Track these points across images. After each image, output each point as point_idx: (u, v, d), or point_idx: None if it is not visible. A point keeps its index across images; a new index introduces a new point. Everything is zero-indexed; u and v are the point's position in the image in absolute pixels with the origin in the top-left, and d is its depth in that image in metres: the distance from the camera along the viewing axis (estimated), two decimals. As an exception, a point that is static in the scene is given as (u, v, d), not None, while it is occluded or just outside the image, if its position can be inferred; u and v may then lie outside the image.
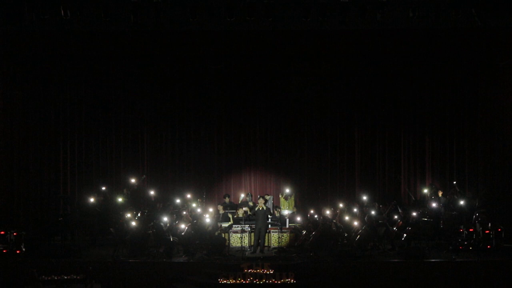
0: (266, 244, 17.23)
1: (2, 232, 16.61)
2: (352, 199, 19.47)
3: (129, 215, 17.10)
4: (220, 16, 16.65)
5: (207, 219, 16.86)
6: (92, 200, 18.29)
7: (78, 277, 14.74)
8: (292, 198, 19.41)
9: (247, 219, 17.44)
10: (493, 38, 18.61)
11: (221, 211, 18.17)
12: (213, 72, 20.24)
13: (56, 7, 16.44)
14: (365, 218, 17.22)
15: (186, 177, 20.56)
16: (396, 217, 17.53)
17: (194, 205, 18.41)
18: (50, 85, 20.11)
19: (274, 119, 20.72)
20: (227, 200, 19.14)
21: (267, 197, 18.56)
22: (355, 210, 18.10)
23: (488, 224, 17.10)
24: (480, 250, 16.29)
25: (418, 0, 16.44)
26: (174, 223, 17.07)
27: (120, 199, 18.15)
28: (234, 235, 17.40)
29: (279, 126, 20.74)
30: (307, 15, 16.72)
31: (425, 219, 17.43)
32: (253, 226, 17.07)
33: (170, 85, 20.51)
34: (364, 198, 18.79)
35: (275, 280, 14.88)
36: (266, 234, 17.22)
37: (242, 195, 19.59)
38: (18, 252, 16.32)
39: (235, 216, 17.86)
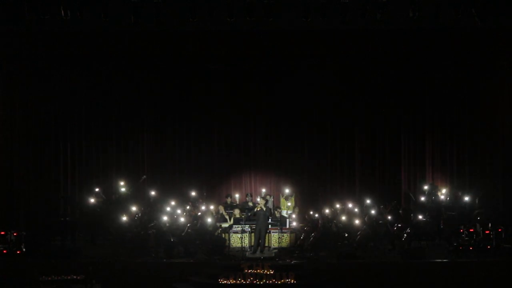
0: (266, 244, 17.22)
1: (2, 232, 16.62)
2: (354, 200, 19.40)
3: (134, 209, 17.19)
4: (220, 16, 16.65)
5: (209, 220, 16.86)
6: (92, 200, 18.33)
7: (78, 277, 14.75)
8: (292, 198, 19.39)
9: (247, 219, 17.44)
10: (493, 38, 18.61)
11: (223, 212, 18.13)
12: (213, 72, 20.23)
13: (56, 7, 16.44)
14: (365, 218, 17.22)
15: (186, 177, 20.53)
16: (396, 216, 17.51)
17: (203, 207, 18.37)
18: (50, 85, 20.09)
19: (274, 119, 20.70)
20: (228, 200, 19.13)
21: (268, 197, 18.53)
22: (356, 210, 18.10)
23: (488, 224, 17.09)
24: (480, 250, 16.29)
25: (418, 0, 16.43)
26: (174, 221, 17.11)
27: (123, 189, 18.21)
28: (234, 235, 17.39)
29: (279, 126, 20.72)
30: (307, 15, 16.72)
31: (425, 219, 17.46)
32: (253, 226, 17.06)
33: (170, 85, 20.50)
34: (368, 201, 18.70)
35: (275, 280, 14.88)
36: (266, 235, 17.22)
37: (237, 196, 19.52)
38: (18, 252, 16.32)
39: (233, 217, 17.85)
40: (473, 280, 15.30)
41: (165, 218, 17.00)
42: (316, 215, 17.49)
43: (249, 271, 15.15)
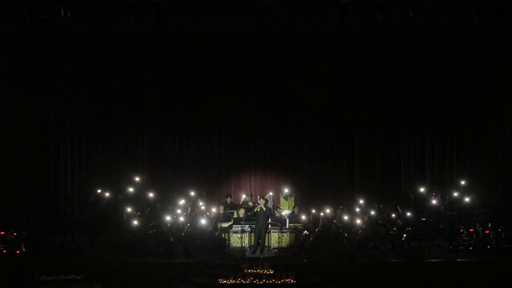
0: (266, 244, 17.23)
1: (2, 232, 16.63)
2: (352, 200, 19.39)
3: (129, 210, 17.16)
4: (220, 16, 16.64)
5: (203, 221, 16.79)
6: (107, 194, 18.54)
7: (78, 277, 14.76)
8: (292, 198, 19.40)
9: (247, 219, 17.44)
10: (493, 38, 18.61)
11: (222, 211, 18.15)
12: (213, 72, 20.23)
13: (56, 7, 16.42)
14: (365, 218, 17.22)
15: (186, 177, 20.55)
16: (395, 216, 17.50)
17: (201, 203, 18.33)
18: (50, 85, 20.11)
19: (274, 119, 20.70)
20: (228, 200, 19.13)
21: (267, 197, 18.53)
22: (357, 209, 18.09)
23: (488, 224, 17.09)
24: (480, 250, 16.29)
25: (418, 0, 16.42)
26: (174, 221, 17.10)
27: (131, 189, 18.21)
28: (234, 235, 17.40)
29: (279, 126, 20.72)
30: (307, 15, 16.70)
31: (424, 219, 17.46)
32: (253, 226, 17.07)
33: (170, 85, 20.50)
34: (361, 201, 18.66)
35: (275, 280, 14.89)
36: (266, 234, 17.23)
37: (244, 196, 19.55)
38: (18, 252, 16.33)
39: (235, 216, 17.85)
40: (473, 280, 15.30)
41: (168, 218, 16.97)
42: (317, 215, 17.49)
43: (249, 271, 15.17)
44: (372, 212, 17.61)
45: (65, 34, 18.18)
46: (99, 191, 18.68)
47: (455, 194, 18.32)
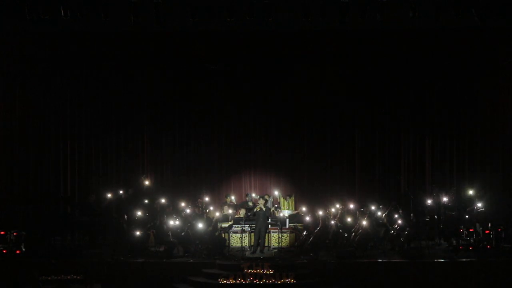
0: (266, 244, 17.24)
1: (2, 232, 16.61)
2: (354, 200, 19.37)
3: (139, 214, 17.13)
4: (220, 16, 16.65)
5: (200, 225, 16.75)
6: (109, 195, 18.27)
7: (78, 277, 14.76)
8: (292, 198, 19.40)
9: (247, 219, 17.44)
10: (494, 38, 18.63)
11: (226, 212, 18.10)
12: (213, 72, 20.23)
13: (56, 7, 16.43)
14: (365, 218, 17.21)
15: (186, 177, 20.55)
16: (396, 216, 17.51)
17: (211, 208, 18.23)
18: (50, 85, 20.11)
19: (274, 119, 20.70)
20: (228, 200, 19.14)
21: (267, 197, 18.54)
22: (361, 209, 18.09)
23: (488, 224, 17.09)
24: (480, 250, 16.29)
25: (418, 0, 16.44)
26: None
27: (139, 213, 17.38)
28: (234, 235, 17.40)
29: (279, 126, 20.71)
30: (307, 15, 16.71)
31: (425, 219, 17.48)
32: (253, 226, 17.07)
33: (170, 85, 20.49)
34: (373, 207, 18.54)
35: (275, 280, 14.89)
36: (266, 234, 17.23)
37: (233, 197, 19.50)
38: (18, 252, 16.32)
39: (236, 216, 17.85)
40: (472, 280, 15.30)
41: (176, 222, 16.94)
42: (317, 215, 17.50)
43: (249, 271, 15.18)
44: (379, 213, 17.59)
45: (65, 34, 18.18)
46: (121, 192, 18.59)
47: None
